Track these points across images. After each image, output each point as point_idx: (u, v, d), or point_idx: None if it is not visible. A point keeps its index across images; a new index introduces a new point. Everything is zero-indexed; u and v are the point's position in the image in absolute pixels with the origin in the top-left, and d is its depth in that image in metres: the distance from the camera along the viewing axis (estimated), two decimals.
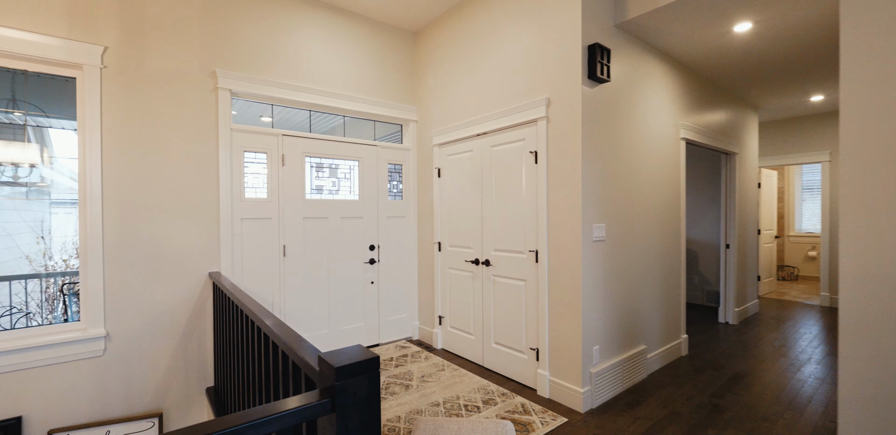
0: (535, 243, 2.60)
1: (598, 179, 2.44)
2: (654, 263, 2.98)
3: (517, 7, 2.66)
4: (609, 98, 2.53)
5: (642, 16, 2.43)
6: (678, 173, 3.24)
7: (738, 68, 3.35)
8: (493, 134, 2.90)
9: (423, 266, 3.63)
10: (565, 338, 2.42)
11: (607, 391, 2.48)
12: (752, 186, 4.58)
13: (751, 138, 4.50)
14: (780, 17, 2.46)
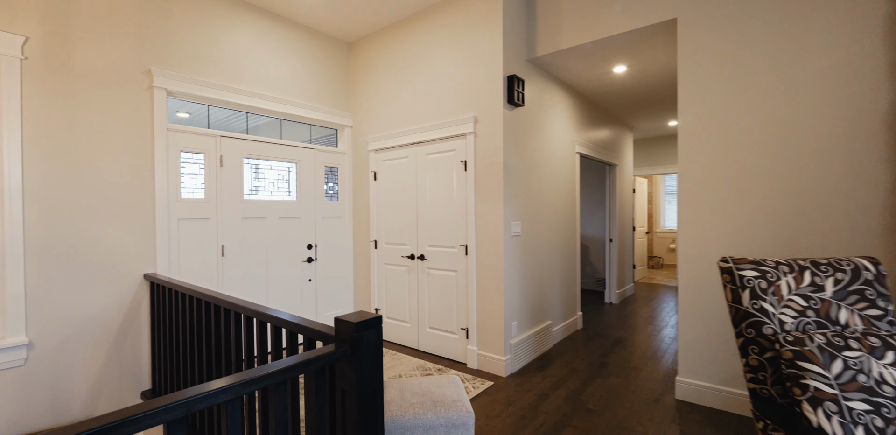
0: (465, 239, 3.05)
1: (515, 185, 2.98)
2: (557, 254, 3.64)
3: (449, 39, 3.09)
4: (523, 119, 3.08)
5: (547, 55, 3.02)
6: (574, 181, 3.97)
7: (618, 98, 4.20)
8: (427, 144, 3.29)
9: (359, 263, 3.88)
10: (490, 317, 2.90)
11: (523, 358, 3.03)
12: (629, 192, 5.64)
13: (628, 152, 5.54)
14: (645, 63, 3.25)
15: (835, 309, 1.38)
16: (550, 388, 2.64)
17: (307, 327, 1.32)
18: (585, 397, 2.51)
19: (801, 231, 2.08)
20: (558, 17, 2.93)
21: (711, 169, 2.34)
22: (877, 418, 1.14)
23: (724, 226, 2.30)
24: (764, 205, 2.18)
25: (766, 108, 2.17)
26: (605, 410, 2.35)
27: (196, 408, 0.82)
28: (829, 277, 1.41)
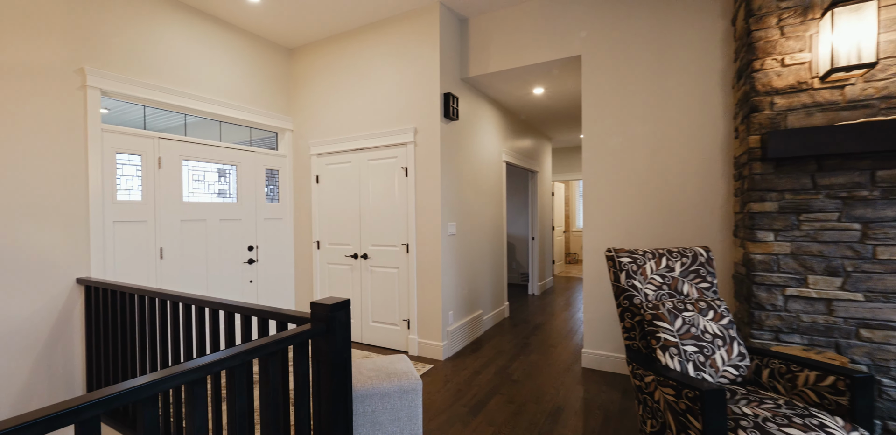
0: (407, 238, 3.35)
1: (451, 189, 3.35)
2: (487, 251, 4.09)
3: (391, 56, 3.37)
4: (458, 131, 3.47)
5: (478, 75, 3.44)
6: (501, 186, 4.46)
7: (538, 113, 4.79)
8: (369, 150, 3.54)
9: (301, 263, 3.99)
10: (429, 308, 3.24)
11: (458, 343, 3.41)
12: (548, 195, 6.34)
13: (547, 160, 6.23)
14: (559, 86, 3.81)
15: (680, 283, 1.92)
16: (482, 366, 3.05)
17: (282, 313, 1.54)
18: (511, 371, 2.95)
19: (668, 227, 2.70)
20: (487, 45, 3.36)
21: (607, 178, 2.91)
22: (700, 356, 1.66)
23: (616, 224, 2.87)
24: (644, 208, 2.78)
25: (645, 133, 2.78)
26: (526, 380, 2.80)
27: (216, 369, 1.04)
28: (678, 261, 1.96)
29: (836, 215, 1.89)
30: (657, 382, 1.54)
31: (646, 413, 1.65)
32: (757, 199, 2.05)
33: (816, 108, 1.92)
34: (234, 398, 1.17)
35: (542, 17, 3.12)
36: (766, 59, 2.02)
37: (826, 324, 1.92)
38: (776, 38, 2.00)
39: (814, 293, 1.94)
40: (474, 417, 2.28)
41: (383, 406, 1.76)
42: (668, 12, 2.69)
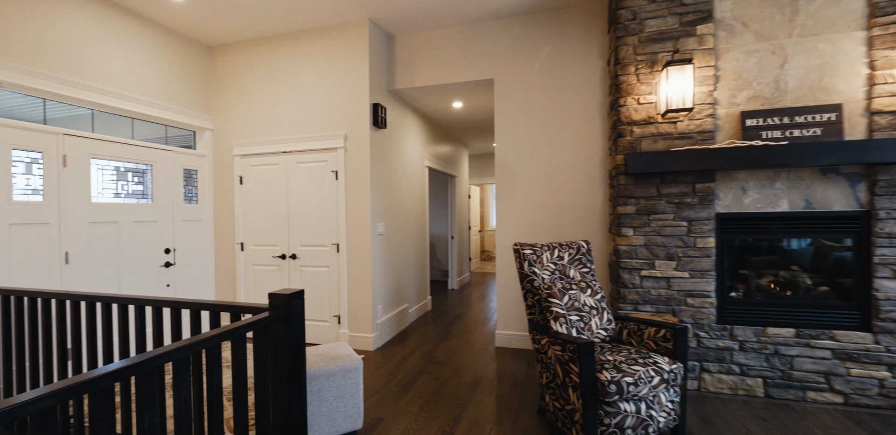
0: (337, 238, 3.54)
1: (380, 192, 3.62)
2: (412, 249, 4.42)
3: (322, 64, 3.53)
4: (386, 138, 3.75)
5: (404, 88, 3.77)
6: (424, 189, 4.83)
7: (457, 124, 5.26)
8: (298, 153, 3.65)
9: (223, 265, 3.93)
10: (360, 303, 3.47)
11: (387, 335, 3.70)
12: (465, 198, 6.89)
13: (464, 166, 6.77)
14: (476, 102, 4.29)
15: (568, 269, 2.45)
16: (409, 352, 3.37)
17: (237, 305, 1.71)
18: (435, 355, 3.32)
19: (561, 225, 3.30)
20: (413, 61, 3.70)
21: (515, 183, 3.43)
22: (581, 322, 2.19)
23: (522, 223, 3.40)
24: (542, 209, 3.35)
25: (544, 148, 3.35)
26: (449, 360, 3.19)
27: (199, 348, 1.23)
28: (566, 251, 2.49)
29: (672, 216, 2.58)
30: (550, 342, 2.02)
31: (542, 368, 2.13)
32: (622, 204, 2.68)
33: (659, 137, 2.60)
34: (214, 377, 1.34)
35: (461, 42, 3.56)
36: (628, 98, 2.66)
37: (666, 295, 2.60)
38: (634, 83, 2.65)
39: (658, 273, 2.61)
40: (406, 393, 2.60)
41: (329, 385, 2.00)
42: (563, 48, 3.29)
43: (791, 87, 2.43)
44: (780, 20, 2.44)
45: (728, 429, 2.12)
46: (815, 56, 2.40)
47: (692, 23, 2.55)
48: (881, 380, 2.30)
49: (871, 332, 2.33)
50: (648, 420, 1.85)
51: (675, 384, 1.92)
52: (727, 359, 2.52)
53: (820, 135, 2.35)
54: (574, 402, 1.86)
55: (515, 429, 2.16)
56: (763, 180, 2.47)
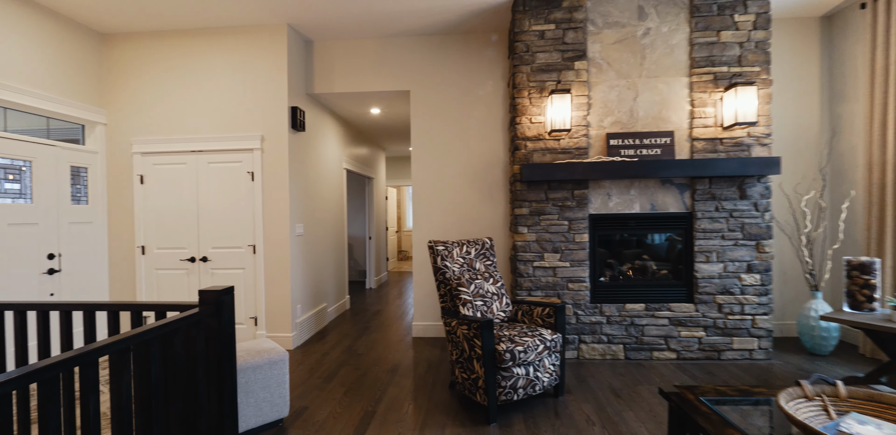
0: (253, 239, 3.53)
1: (299, 194, 3.69)
2: (330, 250, 4.52)
3: (238, 64, 3.50)
4: (305, 140, 3.83)
5: (323, 93, 3.89)
6: (342, 190, 4.95)
7: (375, 128, 5.46)
8: (210, 153, 3.56)
9: (119, 271, 3.65)
10: (279, 303, 3.51)
11: (306, 333, 3.78)
12: (383, 199, 7.09)
13: (382, 168, 6.97)
14: (393, 109, 4.55)
15: (475, 262, 2.85)
16: (330, 348, 3.51)
17: (163, 305, 1.76)
18: (356, 348, 3.51)
19: (470, 224, 3.72)
20: (332, 68, 3.84)
21: (430, 186, 3.77)
22: (484, 307, 2.58)
23: (436, 222, 3.76)
24: (454, 210, 3.74)
25: (456, 155, 3.74)
26: (369, 352, 3.41)
27: (140, 340, 1.32)
28: (473, 247, 2.89)
29: (556, 216, 3.13)
30: (459, 323, 2.37)
31: (452, 347, 2.48)
32: (518, 206, 3.17)
33: (547, 151, 3.14)
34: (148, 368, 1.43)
35: (380, 53, 3.80)
36: (522, 117, 3.16)
37: (553, 282, 3.14)
38: (527, 105, 3.16)
39: (547, 264, 3.14)
40: (328, 384, 2.77)
41: (255, 377, 2.11)
42: (472, 68, 3.72)
43: (641, 115, 3.12)
44: (633, 63, 3.13)
45: (596, 384, 2.69)
46: (657, 93, 3.11)
47: (572, 59, 3.12)
48: (699, 338, 3.08)
49: (693, 303, 3.10)
50: (535, 380, 2.30)
51: (555, 350, 2.40)
52: (598, 331, 3.13)
53: (660, 154, 3.07)
54: (478, 371, 2.24)
55: (430, 401, 2.48)
56: (622, 188, 3.13)
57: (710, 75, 3.05)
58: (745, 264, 3.05)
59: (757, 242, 3.05)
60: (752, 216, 3.04)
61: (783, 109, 3.58)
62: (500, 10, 3.30)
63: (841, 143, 3.46)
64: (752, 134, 3.03)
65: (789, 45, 3.57)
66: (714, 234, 3.07)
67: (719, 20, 3.05)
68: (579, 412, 2.31)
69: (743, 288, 3.06)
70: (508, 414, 2.31)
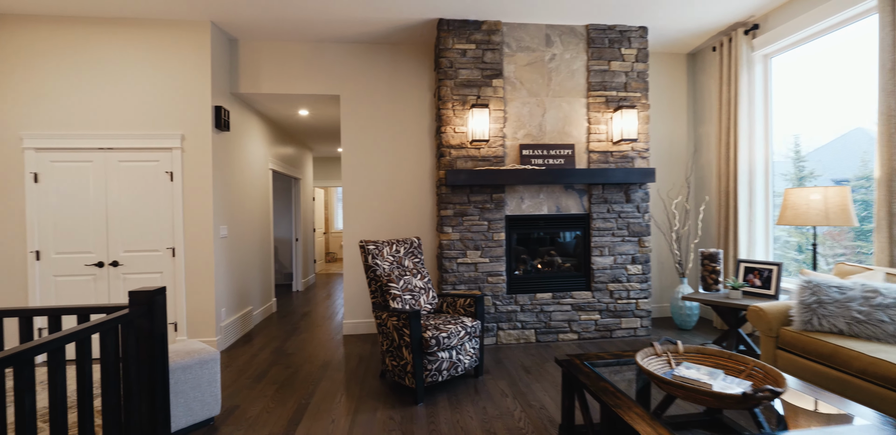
0: (172, 242, 3.40)
1: (223, 195, 3.62)
2: (256, 252, 4.44)
3: (155, 59, 3.34)
4: (230, 140, 3.76)
5: (250, 93, 3.85)
6: (268, 191, 4.87)
7: (303, 129, 5.43)
8: (122, 151, 3.35)
9: (6, 279, 3.28)
10: (202, 307, 3.42)
11: (231, 337, 3.71)
12: (310, 200, 7.00)
13: (309, 168, 6.89)
14: (322, 111, 4.60)
15: (404, 260, 3.08)
16: (258, 350, 3.50)
17: (87, 307, 1.74)
18: (285, 348, 3.54)
19: (400, 225, 3.94)
20: (259, 68, 3.81)
21: (360, 188, 3.91)
22: (413, 300, 2.82)
23: (366, 223, 3.92)
24: (384, 211, 3.93)
25: (386, 159, 3.93)
26: (300, 351, 3.47)
27: (72, 340, 1.35)
28: (402, 246, 3.11)
29: (477, 217, 3.48)
30: (389, 315, 2.59)
31: (383, 338, 2.68)
32: (444, 208, 3.46)
33: (469, 159, 3.47)
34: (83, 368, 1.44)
35: (310, 57, 3.86)
36: (447, 127, 3.46)
37: (475, 276, 3.48)
38: (451, 116, 3.47)
39: (469, 260, 3.48)
40: (259, 383, 2.81)
41: (185, 377, 2.13)
42: (401, 77, 3.94)
43: (548, 130, 3.59)
44: (542, 83, 3.59)
45: (510, 364, 3.06)
46: (561, 111, 3.61)
47: (490, 77, 3.49)
48: (596, 320, 3.63)
49: (590, 290, 3.64)
50: (458, 362, 2.60)
51: (475, 336, 2.72)
52: (514, 319, 3.53)
53: (563, 163, 3.56)
54: (406, 357, 2.47)
55: (362, 390, 2.66)
56: (533, 192, 3.58)
57: (603, 98, 3.62)
58: (630, 257, 3.66)
59: (639, 238, 3.67)
60: (635, 217, 3.66)
61: (660, 128, 4.32)
62: (427, 26, 3.57)
63: (701, 158, 4.28)
64: (634, 148, 3.65)
65: (665, 75, 4.32)
66: (606, 231, 3.63)
67: (610, 52, 3.63)
68: (495, 388, 2.65)
69: (629, 277, 3.66)
70: (434, 394, 2.57)
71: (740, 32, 3.60)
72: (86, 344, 1.46)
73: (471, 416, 2.31)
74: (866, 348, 2.02)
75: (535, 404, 2.43)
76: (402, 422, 2.25)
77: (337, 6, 3.20)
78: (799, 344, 2.30)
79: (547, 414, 2.32)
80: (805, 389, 1.69)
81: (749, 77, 3.62)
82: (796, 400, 1.62)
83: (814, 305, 2.29)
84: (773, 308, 2.50)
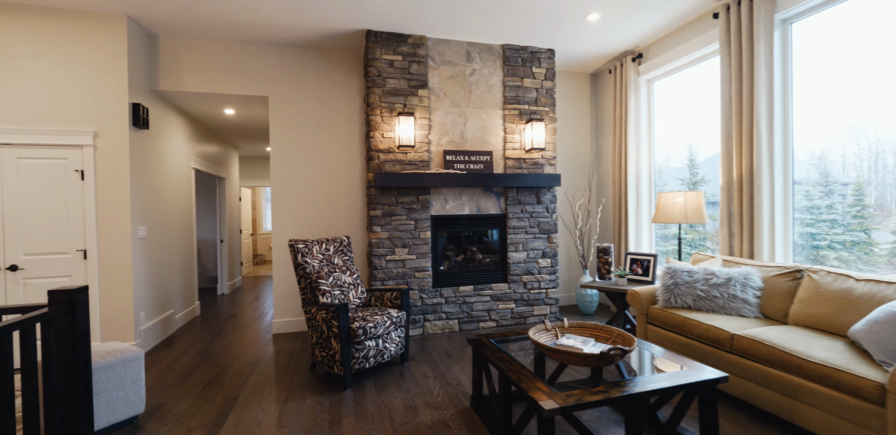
0: (84, 243, 3.24)
1: (142, 194, 3.50)
2: (177, 253, 4.31)
3: (69, 52, 3.16)
4: (150, 138, 3.64)
5: (171, 91, 3.75)
6: (190, 191, 4.72)
7: (229, 128, 5.30)
8: (22, 147, 3.13)
9: None
10: (119, 311, 3.30)
11: (152, 341, 3.59)
12: (236, 200, 6.78)
13: (235, 167, 6.67)
14: (250, 111, 4.57)
15: (334, 258, 3.24)
16: (182, 352, 3.45)
17: (14, 307, 1.73)
18: (212, 349, 3.52)
19: (330, 224, 4.08)
20: (181, 65, 3.73)
21: (290, 187, 3.98)
22: (342, 295, 3.01)
23: (297, 222, 4.00)
24: (314, 211, 4.04)
25: (316, 161, 4.05)
26: (227, 352, 3.48)
27: None
28: (332, 244, 3.28)
29: (405, 217, 3.74)
30: (318, 309, 2.76)
31: (312, 331, 2.84)
32: (373, 208, 3.68)
33: (396, 163, 3.72)
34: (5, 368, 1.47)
35: (237, 57, 3.85)
36: (375, 132, 3.68)
37: (403, 272, 3.74)
38: (380, 122, 3.69)
39: (398, 258, 3.73)
40: (185, 382, 2.82)
41: (108, 376, 2.14)
42: (331, 81, 4.07)
43: (469, 137, 3.95)
44: (463, 95, 3.94)
45: (434, 350, 3.36)
46: (480, 121, 3.99)
47: (416, 87, 3.77)
48: (512, 309, 4.06)
49: (507, 282, 4.06)
50: (384, 350, 2.84)
51: (401, 325, 2.97)
52: (439, 310, 3.85)
53: (482, 168, 3.94)
54: (335, 347, 2.66)
55: (292, 382, 2.79)
56: (457, 194, 3.92)
57: (517, 111, 4.07)
58: (541, 252, 4.15)
59: (548, 235, 4.17)
60: (545, 217, 4.16)
61: (568, 138, 4.90)
62: (357, 36, 3.76)
63: (601, 165, 4.93)
64: (544, 156, 4.14)
65: (572, 91, 4.91)
66: (520, 229, 4.08)
67: (523, 70, 4.09)
68: (419, 371, 2.94)
69: (540, 269, 4.14)
70: (362, 380, 2.79)
71: (629, 59, 4.25)
72: (6, 343, 1.49)
73: (395, 395, 2.56)
74: (704, 318, 2.60)
75: (453, 382, 2.75)
76: (331, 405, 2.44)
77: (266, 11, 3.28)
78: (661, 318, 2.86)
79: (462, 389, 2.64)
80: (664, 353, 2.17)
81: (636, 98, 4.28)
82: (657, 362, 2.09)
83: (671, 287, 2.86)
84: (645, 291, 3.06)
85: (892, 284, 2.12)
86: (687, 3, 3.35)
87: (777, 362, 2.08)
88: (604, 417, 2.27)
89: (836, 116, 2.82)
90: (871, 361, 1.87)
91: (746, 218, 3.07)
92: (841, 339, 2.16)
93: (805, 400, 1.95)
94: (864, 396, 1.74)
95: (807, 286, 2.46)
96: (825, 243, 2.96)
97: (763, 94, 2.96)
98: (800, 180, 3.02)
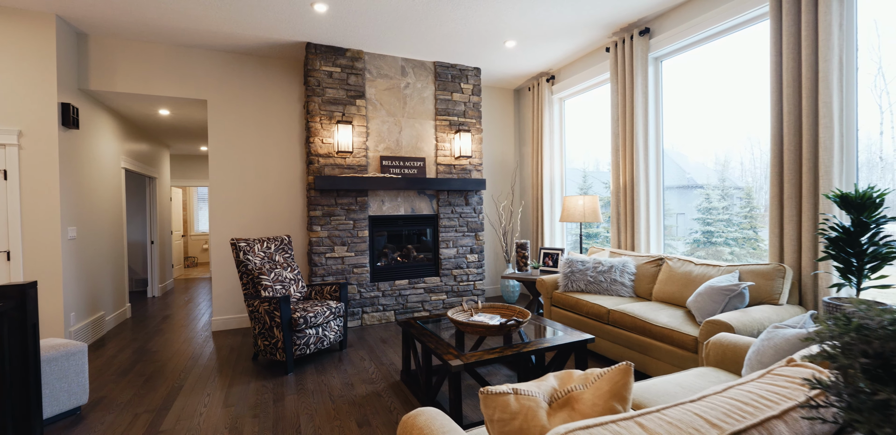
0: (7, 245, 3.17)
1: (72, 195, 3.48)
2: (108, 254, 4.24)
3: None
4: (80, 138, 3.60)
5: (99, 91, 3.74)
6: (121, 191, 4.63)
7: (163, 128, 5.22)
8: None
9: None
10: (49, 311, 3.26)
11: (84, 341, 3.56)
12: (167, 200, 6.59)
13: (166, 167, 6.49)
14: (186, 112, 4.59)
15: (275, 255, 3.47)
16: (118, 351, 3.48)
17: None
18: (149, 348, 3.58)
19: (271, 224, 4.26)
20: (114, 65, 3.73)
21: (229, 189, 4.11)
22: (283, 290, 3.26)
23: (237, 222, 4.14)
24: (255, 211, 4.21)
25: (256, 163, 4.21)
26: (164, 349, 3.56)
27: None
28: (273, 243, 3.51)
29: (344, 217, 4.04)
30: (261, 302, 3.00)
31: (255, 323, 3.07)
32: (313, 209, 3.94)
33: (336, 167, 4.02)
34: None
35: (174, 60, 3.92)
36: (315, 138, 3.95)
37: (342, 269, 4.04)
38: (319, 128, 3.96)
39: (337, 255, 4.02)
40: (125, 377, 2.92)
41: (51, 369, 2.25)
42: (271, 87, 4.25)
43: (404, 145, 4.34)
44: (399, 106, 4.32)
45: (371, 338, 3.71)
46: (414, 130, 4.39)
47: (354, 97, 4.09)
48: (443, 300, 4.51)
49: (439, 276, 4.51)
50: (324, 337, 3.14)
51: (340, 315, 3.29)
52: (376, 303, 4.19)
53: (416, 173, 4.35)
54: (277, 335, 2.92)
55: (235, 371, 3.00)
56: (393, 196, 4.29)
57: (447, 121, 4.53)
58: (469, 248, 4.64)
59: (475, 233, 4.68)
60: (472, 216, 4.66)
61: (494, 147, 5.46)
62: (297, 46, 4.00)
63: (523, 171, 5.55)
64: (471, 163, 4.64)
65: (498, 104, 5.48)
66: (451, 228, 4.55)
67: (452, 85, 4.56)
68: (356, 356, 3.27)
69: (468, 264, 4.64)
70: (303, 365, 3.07)
71: (544, 80, 4.89)
72: None
73: (334, 376, 2.88)
74: (591, 299, 3.21)
75: (386, 362, 3.12)
76: (274, 387, 2.71)
77: (204, 20, 3.43)
78: (561, 300, 3.45)
79: (395, 368, 3.03)
80: (561, 327, 2.71)
81: (550, 113, 4.93)
82: (548, 332, 2.62)
83: (569, 274, 3.46)
84: (549, 279, 3.64)
85: (717, 267, 2.83)
86: (586, 38, 4.00)
87: (636, 328, 2.70)
88: (500, 372, 2.77)
89: (735, 128, 3.26)
90: (696, 323, 2.54)
91: (629, 217, 3.77)
92: (682, 308, 2.84)
93: (653, 355, 2.58)
94: (686, 347, 2.38)
95: (664, 270, 3.15)
96: (721, 240, 3.66)
97: (640, 116, 3.67)
98: (703, 184, 3.69)
